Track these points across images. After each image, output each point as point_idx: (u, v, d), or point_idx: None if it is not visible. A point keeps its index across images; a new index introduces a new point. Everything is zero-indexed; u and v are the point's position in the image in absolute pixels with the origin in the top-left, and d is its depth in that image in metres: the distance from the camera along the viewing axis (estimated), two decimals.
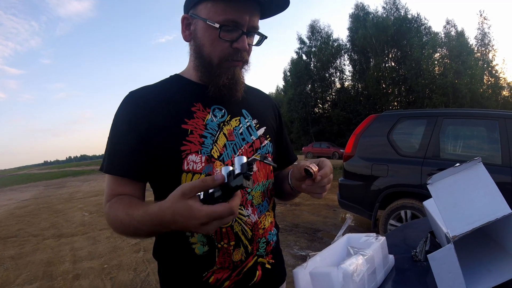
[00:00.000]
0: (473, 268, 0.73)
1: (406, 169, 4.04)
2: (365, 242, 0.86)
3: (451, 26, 29.32)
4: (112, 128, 0.90)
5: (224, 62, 0.85)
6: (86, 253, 5.30)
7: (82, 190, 15.80)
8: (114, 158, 0.88)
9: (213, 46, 0.84)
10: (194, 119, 0.87)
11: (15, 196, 16.98)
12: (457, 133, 4.18)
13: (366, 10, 34.60)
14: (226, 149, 0.89)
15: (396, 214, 4.09)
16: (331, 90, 39.44)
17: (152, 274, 4.10)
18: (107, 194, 0.88)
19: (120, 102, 0.91)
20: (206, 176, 0.83)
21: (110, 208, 0.84)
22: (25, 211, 10.72)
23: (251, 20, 0.83)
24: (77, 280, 4.16)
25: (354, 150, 4.52)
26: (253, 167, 0.62)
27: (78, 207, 10.37)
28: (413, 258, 0.96)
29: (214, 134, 0.88)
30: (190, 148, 0.84)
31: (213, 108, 0.91)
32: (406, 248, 1.04)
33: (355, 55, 36.05)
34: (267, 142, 1.00)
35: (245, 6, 0.81)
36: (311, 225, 5.78)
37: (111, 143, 0.89)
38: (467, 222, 0.65)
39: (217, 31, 0.81)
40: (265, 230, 0.95)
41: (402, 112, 4.52)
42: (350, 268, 0.66)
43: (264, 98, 1.13)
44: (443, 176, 0.74)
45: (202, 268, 0.87)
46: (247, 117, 0.98)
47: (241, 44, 0.83)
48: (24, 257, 5.41)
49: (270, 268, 0.97)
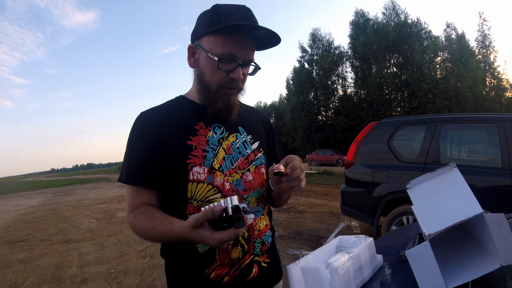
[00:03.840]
0: (452, 264, 0.79)
1: (407, 175, 4.05)
2: (353, 242, 0.94)
3: (451, 29, 29.42)
4: (128, 144, 1.03)
5: (221, 89, 0.99)
6: (94, 258, 5.38)
7: (89, 198, 15.83)
8: (132, 170, 1.01)
9: (212, 75, 0.98)
10: (197, 136, 1.01)
11: (23, 202, 17.05)
12: (456, 138, 4.20)
13: (366, 17, 34.70)
14: (225, 161, 1.02)
15: (398, 220, 4.10)
16: (333, 98, 39.37)
17: (158, 279, 4.15)
18: (129, 204, 1.02)
19: (131, 119, 1.08)
20: (208, 184, 0.97)
21: (135, 219, 0.97)
22: (33, 217, 10.79)
23: (246, 53, 0.96)
24: (85, 284, 4.25)
25: (355, 157, 4.57)
26: (242, 212, 0.72)
27: (85, 214, 10.43)
28: (401, 258, 1.02)
29: (214, 149, 1.01)
30: (195, 161, 0.97)
31: (213, 126, 1.05)
32: (397, 250, 1.10)
33: (357, 61, 36.00)
34: (260, 154, 1.13)
35: (241, 41, 0.94)
36: (314, 232, 5.80)
37: (128, 157, 1.03)
38: (442, 221, 0.72)
39: (216, 63, 0.94)
40: (260, 232, 1.07)
41: (402, 118, 4.55)
42: (335, 263, 0.74)
43: (257, 116, 1.26)
44: (421, 180, 0.82)
45: (204, 265, 0.98)
46: (243, 133, 1.11)
47: (237, 74, 0.96)
48: (33, 261, 5.50)
49: (266, 267, 1.08)
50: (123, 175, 1.03)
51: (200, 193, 0.97)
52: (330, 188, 11.96)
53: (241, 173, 1.04)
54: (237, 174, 1.03)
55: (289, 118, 40.44)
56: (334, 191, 10.78)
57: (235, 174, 1.02)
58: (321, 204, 8.48)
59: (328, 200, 9.19)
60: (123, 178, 1.02)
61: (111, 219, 9.03)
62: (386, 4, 33.59)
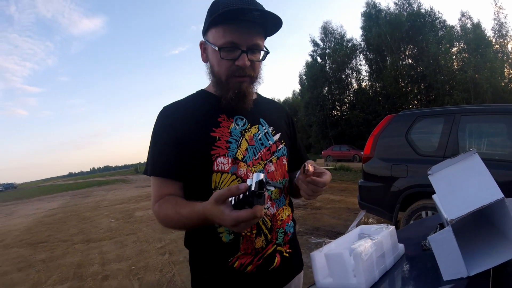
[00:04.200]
0: (473, 251, 0.79)
1: (426, 168, 3.92)
2: (375, 230, 0.94)
3: (467, 18, 28.14)
4: (152, 137, 1.06)
5: (230, 78, 1.00)
6: (114, 256, 5.53)
7: (108, 199, 16.18)
8: (157, 163, 1.03)
9: (219, 65, 1.00)
10: (221, 128, 1.03)
11: (43, 205, 17.54)
12: (475, 130, 4.09)
13: (378, 8, 33.57)
14: (247, 152, 1.04)
15: (417, 215, 4.01)
16: (348, 92, 38.59)
17: (178, 274, 4.24)
18: (154, 195, 1.04)
19: (156, 116, 1.07)
20: (232, 175, 0.99)
21: (160, 207, 0.99)
22: (54, 219, 11.10)
23: (249, 39, 0.96)
24: (106, 281, 4.38)
25: (372, 151, 4.52)
26: (264, 188, 0.73)
27: (105, 214, 10.68)
28: (423, 247, 1.02)
29: (237, 140, 1.03)
30: (219, 152, 0.99)
31: (235, 118, 1.07)
32: (418, 240, 1.09)
33: (371, 54, 35.02)
34: (282, 146, 1.14)
35: (240, 27, 0.95)
36: (332, 228, 5.79)
37: (153, 150, 1.05)
38: (463, 207, 0.72)
39: (218, 53, 0.97)
40: (283, 222, 1.08)
41: (419, 111, 4.47)
42: (359, 248, 0.74)
43: (278, 108, 1.28)
44: (442, 167, 0.82)
45: (228, 254, 0.99)
46: (264, 125, 1.13)
47: (241, 61, 0.96)
48: (55, 260, 5.68)
49: (288, 257, 1.10)
50: (149, 168, 1.05)
51: (224, 183, 0.98)
52: (347, 184, 11.89)
53: (263, 164, 1.06)
54: (259, 164, 1.04)
55: (303, 114, 39.97)
56: (351, 187, 10.71)
57: (257, 164, 1.04)
58: (338, 200, 8.44)
59: (345, 196, 9.15)
60: (149, 171, 1.04)
61: (130, 218, 9.20)
62: None
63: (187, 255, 4.27)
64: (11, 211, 16.88)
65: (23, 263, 5.78)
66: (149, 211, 10.02)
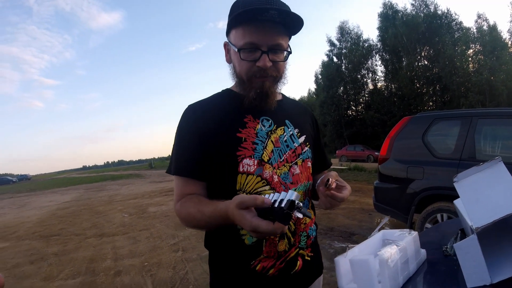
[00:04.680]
0: (497, 258, 0.79)
1: (442, 171, 3.96)
2: (399, 235, 0.94)
3: (483, 20, 28.01)
4: (177, 136, 1.06)
5: (252, 78, 0.99)
6: (127, 251, 5.52)
7: (121, 193, 16.22)
8: (181, 162, 1.03)
9: (240, 66, 1.00)
10: (247, 128, 1.01)
11: (56, 198, 17.74)
12: (492, 133, 4.06)
13: (395, 8, 33.59)
14: (273, 154, 1.02)
15: (432, 218, 3.99)
16: (363, 92, 38.55)
17: (191, 272, 4.23)
18: (177, 194, 1.04)
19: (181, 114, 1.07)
20: (257, 176, 0.98)
21: (182, 206, 0.99)
22: (67, 212, 11.20)
23: (270, 39, 0.95)
24: (119, 276, 4.37)
25: (389, 152, 4.50)
26: (294, 211, 0.71)
27: (118, 209, 10.71)
28: (444, 253, 1.02)
29: (263, 141, 1.02)
30: (245, 153, 0.98)
31: (261, 119, 1.05)
32: (438, 245, 1.09)
33: (387, 55, 34.98)
34: (307, 148, 1.13)
35: (259, 28, 0.93)
36: (346, 229, 5.74)
37: (177, 149, 1.05)
38: (488, 215, 0.72)
39: (239, 54, 0.96)
40: (306, 225, 1.08)
41: (437, 113, 4.44)
42: (385, 255, 0.75)
43: (303, 109, 1.27)
44: (468, 174, 0.83)
45: (250, 257, 0.98)
46: (290, 126, 1.11)
47: (262, 62, 0.95)
48: (67, 254, 5.70)
49: (310, 260, 1.09)
50: (172, 167, 1.04)
51: (249, 185, 0.97)
52: (361, 184, 11.77)
53: (289, 166, 1.04)
54: (285, 167, 1.03)
55: (318, 113, 39.80)
56: (366, 188, 10.60)
57: (283, 167, 1.03)
58: (352, 201, 8.37)
59: (360, 196, 9.07)
60: (172, 170, 1.03)
61: (143, 214, 9.20)
62: None
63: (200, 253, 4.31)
64: (24, 202, 17.08)
65: (35, 255, 5.82)
66: (162, 207, 10.07)
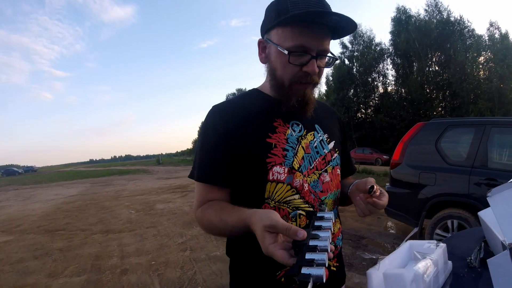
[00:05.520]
0: None
1: (454, 178, 3.99)
2: (428, 248, 0.94)
3: (495, 28, 27.94)
4: (201, 139, 0.99)
5: (294, 84, 0.92)
6: (134, 249, 5.42)
7: (128, 189, 16.09)
8: (205, 167, 0.97)
9: (284, 70, 0.91)
10: (277, 133, 0.95)
11: (62, 191, 17.63)
12: (505, 142, 4.06)
13: (408, 14, 33.51)
14: (303, 161, 0.96)
15: (442, 224, 4.03)
16: (374, 95, 38.37)
17: (199, 272, 4.16)
18: (198, 200, 0.98)
19: (206, 114, 1.01)
20: (287, 185, 0.92)
21: (203, 213, 0.94)
22: (72, 206, 11.11)
23: (320, 44, 0.87)
24: (125, 275, 4.27)
25: (401, 157, 4.52)
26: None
27: (125, 204, 10.60)
28: (469, 265, 1.02)
29: (294, 148, 0.96)
30: (275, 160, 0.92)
31: (291, 123, 0.99)
32: (460, 255, 1.09)
33: (398, 59, 34.87)
34: (336, 155, 1.07)
35: (312, 31, 0.86)
36: (355, 232, 5.69)
37: (201, 153, 0.98)
38: None
39: (286, 57, 0.88)
40: (335, 236, 1.03)
41: (450, 120, 4.45)
42: (421, 269, 0.76)
43: (332, 113, 1.20)
44: (502, 189, 0.82)
45: (276, 268, 0.93)
46: (320, 131, 1.05)
47: (311, 68, 0.88)
48: (72, 250, 5.58)
49: (335, 271, 1.04)
50: (195, 172, 0.98)
51: (278, 193, 0.91)
52: None
53: (318, 174, 0.99)
54: (314, 174, 0.97)
55: None
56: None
57: (312, 174, 0.97)
58: None
59: None
60: (196, 175, 0.98)
61: (151, 210, 9.11)
62: (428, 1, 32.20)
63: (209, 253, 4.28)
64: (29, 195, 17.02)
65: (39, 250, 5.72)
66: (170, 204, 10.01)
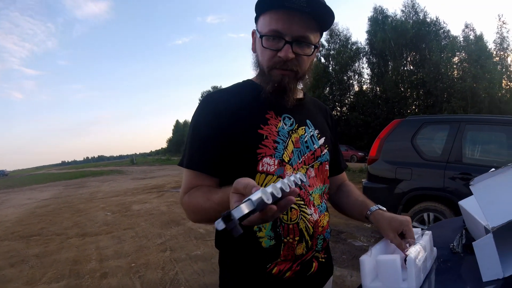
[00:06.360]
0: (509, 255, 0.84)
1: (429, 173, 4.15)
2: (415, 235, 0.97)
3: (470, 30, 28.99)
4: (192, 126, 0.99)
5: (272, 70, 0.94)
6: (112, 252, 5.32)
7: (103, 190, 15.87)
8: (195, 155, 0.97)
9: (262, 55, 0.95)
10: (268, 125, 0.96)
11: (35, 195, 17.09)
12: (479, 139, 4.27)
13: (385, 14, 34.34)
14: (293, 154, 0.98)
15: (419, 217, 4.19)
16: (349, 93, 38.92)
17: (181, 272, 4.13)
18: (185, 187, 0.97)
19: (197, 104, 1.01)
20: (277, 177, 0.92)
21: (190, 197, 0.93)
22: (46, 210, 10.79)
23: (296, 30, 0.88)
24: (105, 279, 4.19)
25: (378, 153, 4.64)
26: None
27: (100, 207, 10.41)
28: (452, 251, 1.06)
29: (284, 141, 0.97)
30: (265, 151, 0.93)
31: (283, 117, 1.00)
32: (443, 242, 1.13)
33: (374, 58, 35.69)
34: (326, 151, 1.09)
35: (287, 16, 0.87)
36: (334, 227, 5.73)
37: (192, 141, 0.98)
38: (503, 215, 0.76)
39: (261, 41, 0.92)
40: (324, 228, 1.04)
41: (426, 117, 4.63)
42: (413, 254, 0.79)
43: (323, 110, 1.22)
44: (483, 178, 0.87)
45: (267, 260, 0.95)
46: (311, 127, 1.07)
47: (283, 53, 0.89)
48: (49, 256, 5.43)
49: (324, 262, 1.08)
50: (185, 159, 0.98)
51: (267, 185, 0.85)
52: None
53: (305, 169, 1.00)
54: (302, 169, 0.99)
55: None
56: None
57: (301, 169, 0.99)
58: None
59: None
60: (185, 163, 0.97)
61: (127, 212, 8.98)
62: (405, 2, 33.10)
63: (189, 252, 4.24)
64: (1, 200, 16.48)
65: (15, 257, 5.52)
66: (146, 204, 9.92)
